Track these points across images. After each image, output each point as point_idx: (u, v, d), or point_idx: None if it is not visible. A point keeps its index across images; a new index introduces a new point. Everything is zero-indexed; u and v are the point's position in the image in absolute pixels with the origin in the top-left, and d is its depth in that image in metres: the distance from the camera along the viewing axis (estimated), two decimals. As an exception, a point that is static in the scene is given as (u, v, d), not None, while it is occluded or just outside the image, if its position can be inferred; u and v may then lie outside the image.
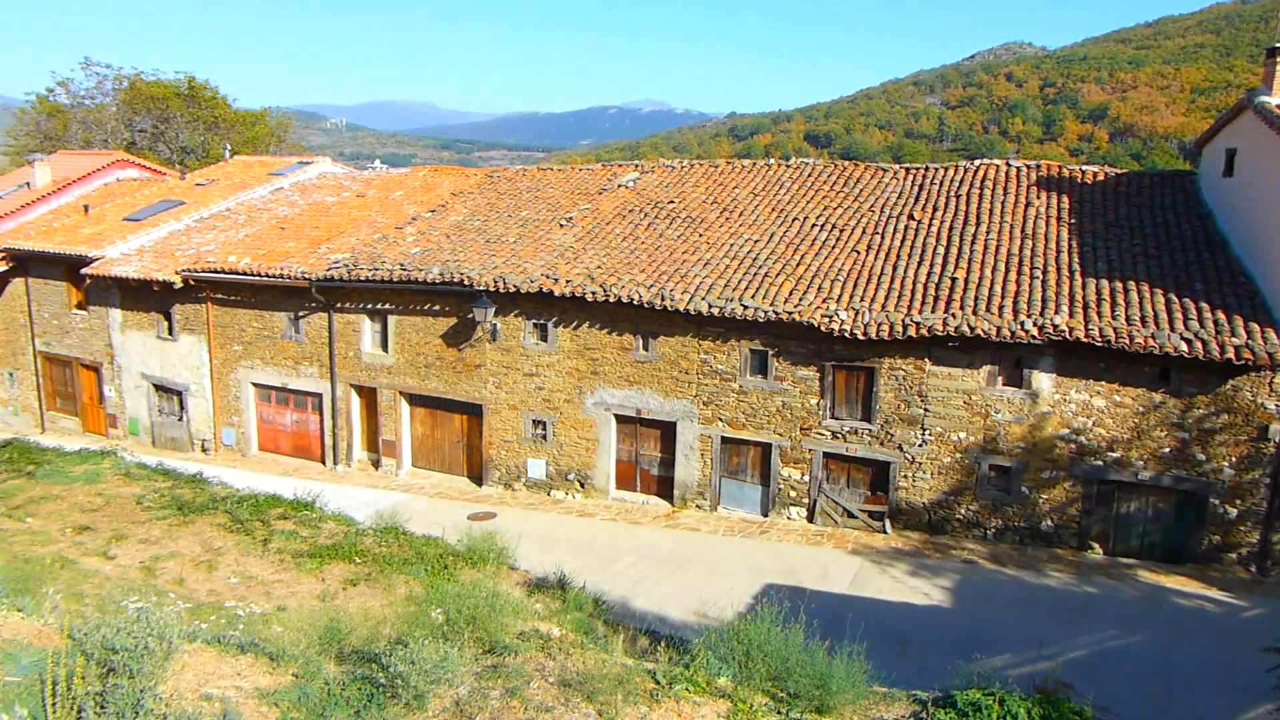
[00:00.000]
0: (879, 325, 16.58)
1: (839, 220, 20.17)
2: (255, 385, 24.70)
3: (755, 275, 18.52)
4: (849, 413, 17.72)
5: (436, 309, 21.32)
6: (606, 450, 20.17)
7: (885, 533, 17.54)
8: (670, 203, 22.41)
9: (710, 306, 17.89)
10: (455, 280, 20.29)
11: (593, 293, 18.89)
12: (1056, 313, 15.69)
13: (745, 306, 17.62)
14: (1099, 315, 15.51)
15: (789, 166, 23.48)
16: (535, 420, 20.73)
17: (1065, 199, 19.46)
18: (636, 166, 25.96)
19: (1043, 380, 16.12)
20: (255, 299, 23.80)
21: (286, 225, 26.25)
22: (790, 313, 17.23)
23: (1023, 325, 15.63)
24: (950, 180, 21.08)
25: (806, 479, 18.25)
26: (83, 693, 4.54)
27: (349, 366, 22.91)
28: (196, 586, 10.53)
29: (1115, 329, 15.13)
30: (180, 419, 26.17)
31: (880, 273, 17.97)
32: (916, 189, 21.02)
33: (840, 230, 19.76)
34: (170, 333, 25.54)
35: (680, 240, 20.48)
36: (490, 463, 21.52)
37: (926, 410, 16.96)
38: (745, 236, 20.10)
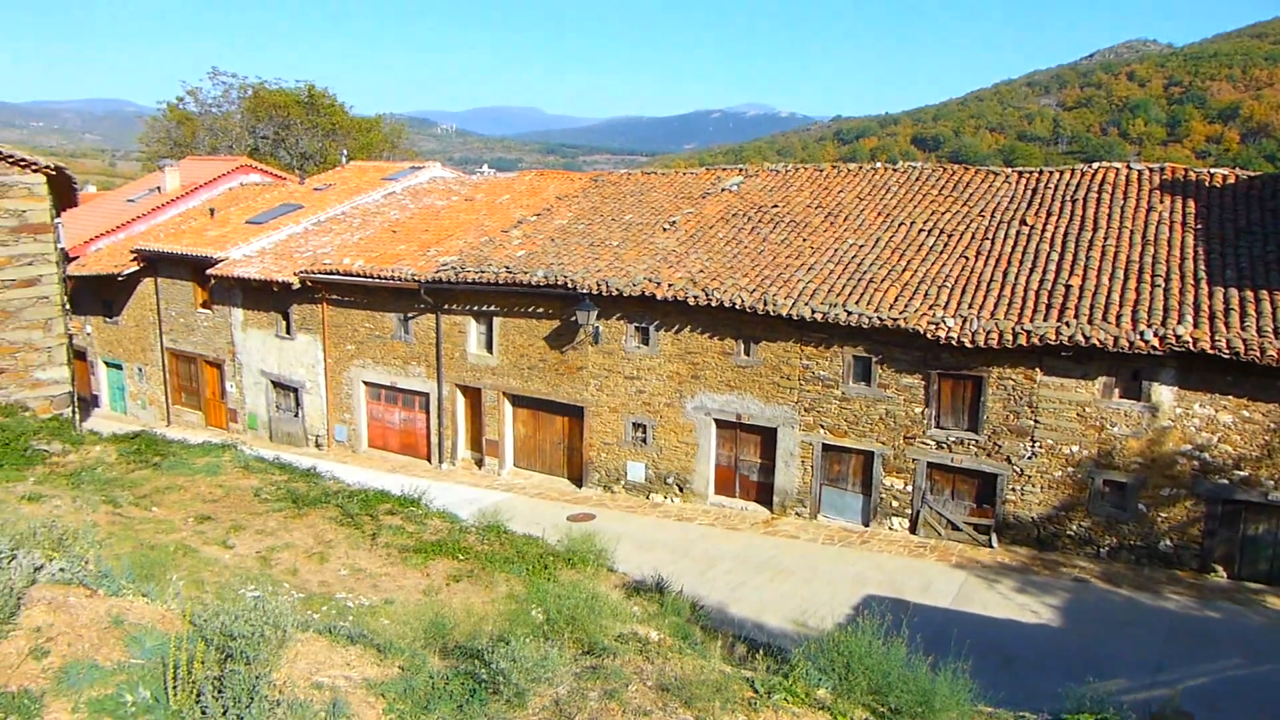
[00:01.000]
0: (988, 333, 16.13)
1: (947, 225, 19.70)
2: (366, 384, 25.49)
3: (860, 281, 18.23)
4: (955, 422, 17.29)
5: (540, 311, 21.65)
6: (706, 455, 20.14)
7: (991, 547, 17.04)
8: (774, 207, 22.25)
9: (813, 312, 17.68)
10: (559, 283, 20.56)
11: (695, 296, 18.89)
12: (1180, 323, 14.96)
13: (849, 312, 17.37)
14: (1226, 326, 14.73)
15: (895, 170, 23.05)
16: (635, 423, 20.84)
17: (1191, 203, 18.53)
18: (740, 170, 25.87)
19: (1163, 393, 15.41)
20: (367, 300, 24.57)
21: (398, 228, 27.03)
22: (895, 319, 16.91)
23: (1142, 335, 14.97)
24: (1065, 184, 20.32)
25: (909, 489, 17.87)
26: (202, 677, 4.72)
27: (455, 367, 23.44)
28: (309, 577, 10.89)
29: (1245, 340, 14.34)
30: (296, 415, 27.19)
31: (990, 279, 17.47)
32: (1029, 193, 20.35)
33: (948, 236, 19.30)
34: (288, 331, 26.56)
35: (783, 245, 20.32)
36: (590, 464, 21.73)
37: (1037, 421, 16.41)
38: (850, 241, 19.81)
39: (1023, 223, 19.13)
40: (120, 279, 30.43)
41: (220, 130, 56.43)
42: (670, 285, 19.34)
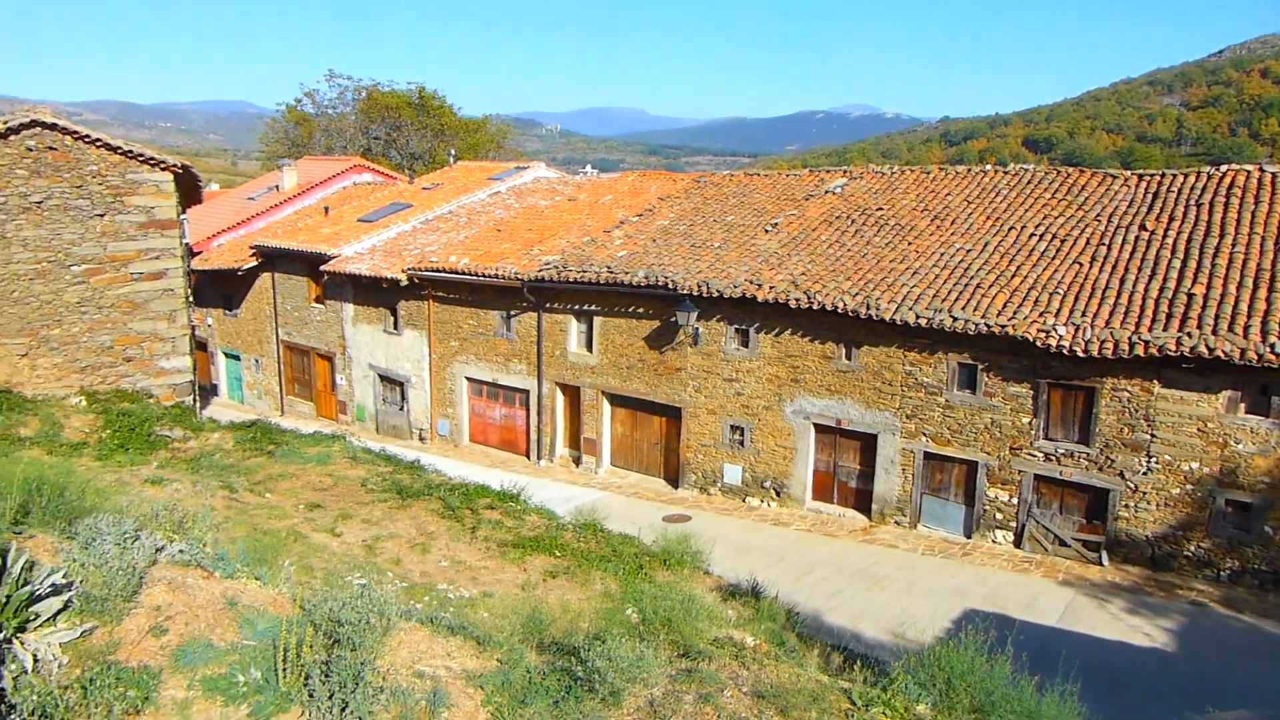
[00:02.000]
0: (1102, 342, 15.51)
1: (1060, 230, 19.02)
2: (469, 379, 26.03)
3: (966, 286, 17.76)
4: (1064, 434, 16.69)
5: (640, 311, 21.75)
6: (804, 459, 19.92)
7: (1101, 564, 16.39)
8: (878, 209, 21.86)
9: (917, 317, 17.31)
10: (659, 284, 20.62)
11: (796, 299, 18.71)
12: (1313, 335, 14.13)
13: (954, 318, 16.94)
14: (1365, 339, 13.85)
15: (1006, 173, 22.38)
16: (733, 425, 20.75)
17: (1328, 209, 17.48)
18: (844, 172, 25.50)
19: (1293, 409, 14.58)
20: (472, 297, 25.08)
21: (502, 228, 27.52)
22: (1003, 326, 16.41)
23: (1273, 348, 14.17)
24: (1190, 188, 19.37)
25: (1015, 501, 17.33)
26: (310, 661, 4.88)
27: (555, 365, 23.74)
28: (411, 567, 11.19)
29: (1385, 355, 13.47)
30: (401, 408, 27.95)
31: (1105, 286, 16.79)
32: (1150, 197, 19.49)
33: (1061, 240, 18.63)
34: (395, 327, 27.32)
35: (888, 248, 19.94)
36: (687, 466, 21.73)
37: (1153, 436, 15.72)
38: (957, 245, 19.31)
39: (1142, 228, 18.33)
40: (240, 274, 31.81)
41: (335, 131, 58.42)
42: (771, 287, 19.19)
